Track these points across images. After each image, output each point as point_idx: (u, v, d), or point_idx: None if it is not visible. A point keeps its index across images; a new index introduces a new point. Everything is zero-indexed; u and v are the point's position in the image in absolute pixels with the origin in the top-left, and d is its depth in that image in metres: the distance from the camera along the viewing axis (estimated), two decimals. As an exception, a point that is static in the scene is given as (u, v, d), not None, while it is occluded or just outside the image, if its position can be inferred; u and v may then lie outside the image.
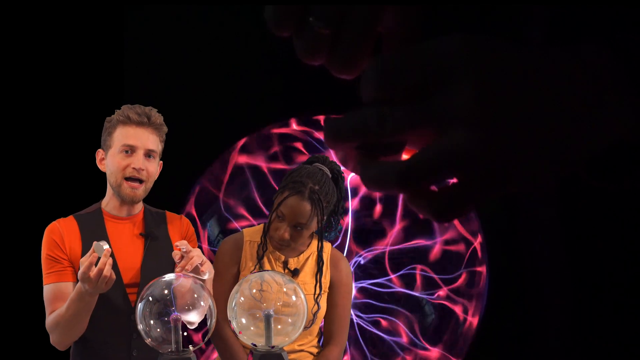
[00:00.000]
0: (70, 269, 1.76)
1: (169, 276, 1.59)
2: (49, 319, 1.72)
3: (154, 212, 1.92)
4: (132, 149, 1.77)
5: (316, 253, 1.91)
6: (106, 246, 1.52)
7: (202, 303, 1.53)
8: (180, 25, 3.17)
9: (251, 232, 1.92)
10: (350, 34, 0.47)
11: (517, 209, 3.12)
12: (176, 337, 1.49)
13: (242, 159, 2.82)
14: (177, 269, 1.60)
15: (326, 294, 1.91)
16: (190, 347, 1.53)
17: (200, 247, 2.69)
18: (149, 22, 3.14)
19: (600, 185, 0.46)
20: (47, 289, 1.75)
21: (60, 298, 1.72)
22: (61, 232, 1.77)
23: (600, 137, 0.43)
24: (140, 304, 1.54)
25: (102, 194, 1.88)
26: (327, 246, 1.95)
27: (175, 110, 3.16)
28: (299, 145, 2.80)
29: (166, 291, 1.55)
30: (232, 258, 1.89)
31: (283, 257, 1.88)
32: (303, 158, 2.66)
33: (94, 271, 1.51)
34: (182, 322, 1.51)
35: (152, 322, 1.53)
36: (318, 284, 1.87)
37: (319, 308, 1.85)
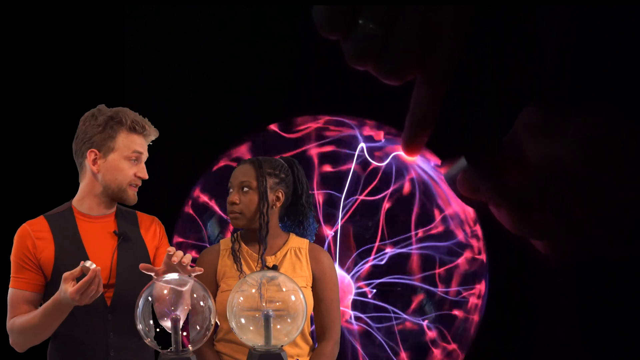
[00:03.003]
0: (37, 279, 1.77)
1: (169, 276, 1.58)
2: (14, 323, 1.73)
3: (125, 212, 1.93)
4: (139, 157, 1.85)
5: (294, 249, 1.93)
6: (93, 266, 1.56)
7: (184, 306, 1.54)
8: (181, 25, 3.17)
9: (228, 241, 1.96)
10: (401, 35, 0.46)
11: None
12: (176, 337, 1.48)
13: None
14: (173, 259, 1.60)
15: (309, 287, 1.91)
16: (190, 347, 1.53)
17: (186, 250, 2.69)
18: (149, 22, 3.14)
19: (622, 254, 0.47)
20: (13, 293, 1.77)
21: (23, 305, 1.75)
22: (32, 236, 1.78)
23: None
24: (139, 303, 1.54)
25: (71, 194, 1.89)
26: (304, 241, 1.96)
27: (175, 110, 3.16)
28: (306, 143, 2.80)
29: (166, 291, 1.55)
30: (209, 268, 1.91)
31: (258, 256, 1.90)
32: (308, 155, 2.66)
33: (76, 286, 1.54)
34: (182, 322, 1.51)
35: (151, 322, 1.53)
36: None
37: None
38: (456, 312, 2.79)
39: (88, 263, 1.57)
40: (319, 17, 0.46)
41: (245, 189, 1.87)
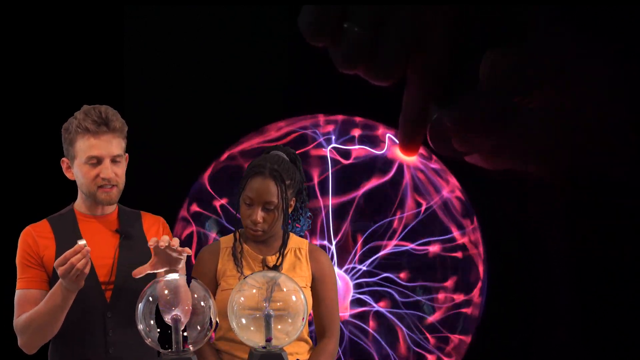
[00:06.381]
0: (41, 276, 1.78)
1: (170, 276, 1.59)
2: (20, 320, 1.74)
3: (129, 212, 1.92)
4: (98, 159, 1.77)
5: (294, 249, 1.92)
6: (82, 242, 1.58)
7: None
8: (181, 25, 3.17)
9: (228, 239, 1.95)
10: (392, 36, 0.47)
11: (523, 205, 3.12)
12: (176, 337, 1.49)
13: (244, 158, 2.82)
14: (160, 244, 1.62)
15: (308, 287, 1.91)
16: (191, 347, 1.53)
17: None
18: (149, 22, 3.14)
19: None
20: (18, 294, 1.78)
21: (27, 303, 1.75)
22: (34, 236, 1.79)
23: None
24: (140, 304, 1.54)
25: (74, 197, 1.89)
26: (304, 242, 1.96)
27: (175, 109, 3.16)
28: (304, 141, 2.79)
29: (167, 291, 1.55)
30: (209, 266, 1.90)
31: (261, 257, 1.89)
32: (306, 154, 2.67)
33: (65, 264, 1.56)
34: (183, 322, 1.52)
35: (152, 322, 1.54)
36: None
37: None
38: (455, 313, 2.79)
39: (82, 242, 1.58)
40: (305, 26, 0.47)
41: (269, 208, 1.83)
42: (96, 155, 1.76)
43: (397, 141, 2.43)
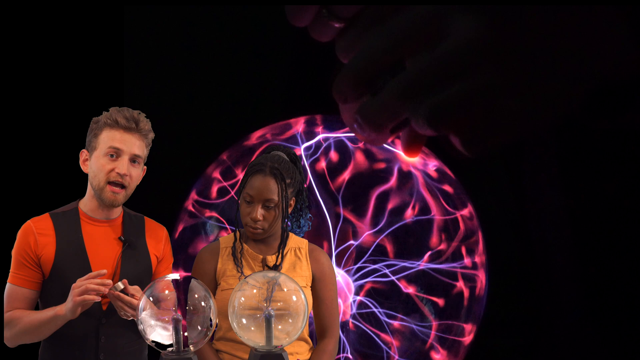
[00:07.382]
0: (35, 276, 1.78)
1: (170, 276, 1.59)
2: (9, 317, 1.76)
3: (133, 216, 1.91)
4: (117, 153, 1.77)
5: (294, 248, 1.93)
6: (121, 287, 1.63)
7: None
8: (180, 26, 3.17)
9: (227, 239, 1.95)
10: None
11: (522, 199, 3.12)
12: (176, 337, 1.49)
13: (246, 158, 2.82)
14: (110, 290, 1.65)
15: (309, 287, 1.91)
16: (191, 347, 1.53)
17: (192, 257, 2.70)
18: (149, 22, 3.14)
19: (596, 124, 0.45)
20: (10, 288, 1.79)
21: (17, 301, 1.77)
22: (35, 233, 1.78)
23: (595, 74, 0.42)
24: (140, 304, 1.54)
25: (78, 193, 1.89)
26: (304, 241, 1.97)
27: (174, 109, 3.17)
28: (304, 143, 2.80)
29: (167, 291, 1.55)
30: (209, 266, 1.90)
31: (261, 257, 1.89)
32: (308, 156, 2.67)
33: (79, 286, 1.59)
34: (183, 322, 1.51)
35: (152, 322, 1.53)
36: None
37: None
38: (456, 312, 2.79)
39: (120, 285, 1.63)
40: (289, 6, 0.47)
41: (269, 206, 1.83)
42: (118, 147, 1.77)
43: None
